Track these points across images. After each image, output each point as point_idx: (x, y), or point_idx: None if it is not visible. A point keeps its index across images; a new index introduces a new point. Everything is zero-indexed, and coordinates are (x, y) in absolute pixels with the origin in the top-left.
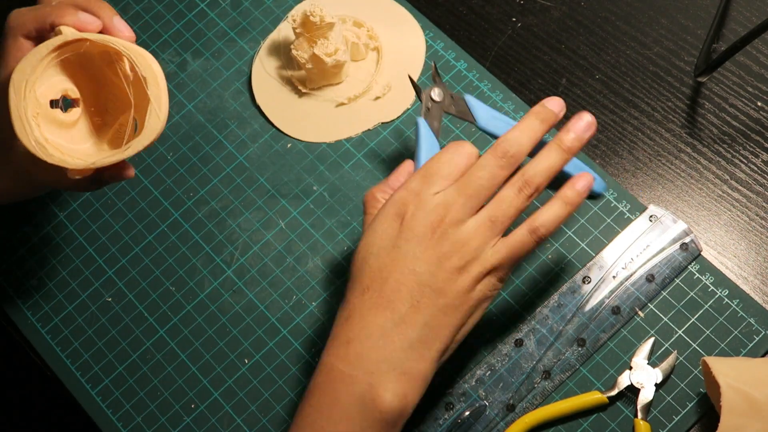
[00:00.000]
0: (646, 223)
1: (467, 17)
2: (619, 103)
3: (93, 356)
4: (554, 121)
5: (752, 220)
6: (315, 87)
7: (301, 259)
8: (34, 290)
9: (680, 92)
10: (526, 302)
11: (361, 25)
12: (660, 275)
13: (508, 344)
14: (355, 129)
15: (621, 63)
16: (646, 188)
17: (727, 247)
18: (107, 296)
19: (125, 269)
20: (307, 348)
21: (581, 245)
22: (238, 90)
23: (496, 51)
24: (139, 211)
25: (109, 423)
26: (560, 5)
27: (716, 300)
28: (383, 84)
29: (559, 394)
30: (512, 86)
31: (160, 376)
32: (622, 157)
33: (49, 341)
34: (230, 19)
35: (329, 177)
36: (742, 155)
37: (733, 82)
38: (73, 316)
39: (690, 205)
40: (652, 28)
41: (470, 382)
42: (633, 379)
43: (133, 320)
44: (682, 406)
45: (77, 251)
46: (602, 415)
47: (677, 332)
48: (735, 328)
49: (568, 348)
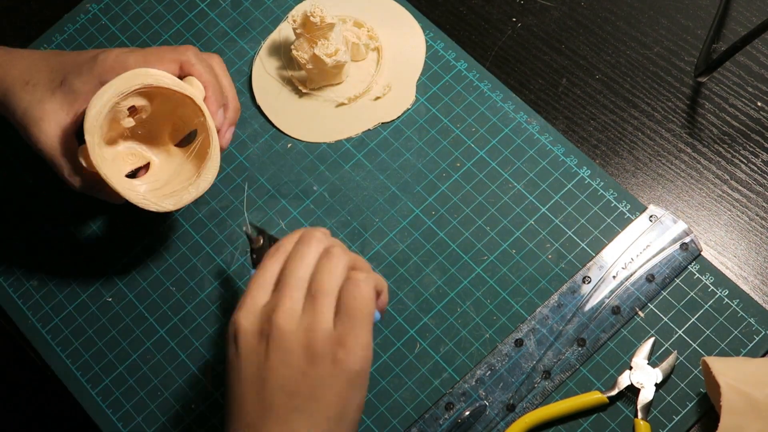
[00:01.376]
0: (646, 223)
1: (467, 17)
2: (619, 103)
3: (93, 356)
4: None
5: (752, 220)
6: (315, 87)
7: None
8: (34, 290)
9: (680, 92)
10: (526, 302)
11: (362, 26)
12: (660, 275)
13: (508, 344)
14: (355, 129)
15: (621, 63)
16: (646, 188)
17: (727, 247)
18: (107, 296)
19: (125, 269)
20: None
21: (581, 245)
22: (239, 90)
23: (496, 51)
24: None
25: (109, 423)
26: (560, 5)
27: (716, 300)
28: (383, 84)
29: (559, 394)
30: (512, 86)
31: (160, 376)
32: (622, 157)
33: (49, 341)
34: (230, 19)
35: (329, 177)
36: (742, 155)
37: (733, 82)
38: (73, 316)
39: (690, 205)
40: (652, 28)
41: (470, 382)
42: (633, 379)
43: (134, 320)
44: (682, 406)
45: (77, 251)
46: (602, 415)
47: (677, 332)
48: (735, 328)
49: (568, 348)
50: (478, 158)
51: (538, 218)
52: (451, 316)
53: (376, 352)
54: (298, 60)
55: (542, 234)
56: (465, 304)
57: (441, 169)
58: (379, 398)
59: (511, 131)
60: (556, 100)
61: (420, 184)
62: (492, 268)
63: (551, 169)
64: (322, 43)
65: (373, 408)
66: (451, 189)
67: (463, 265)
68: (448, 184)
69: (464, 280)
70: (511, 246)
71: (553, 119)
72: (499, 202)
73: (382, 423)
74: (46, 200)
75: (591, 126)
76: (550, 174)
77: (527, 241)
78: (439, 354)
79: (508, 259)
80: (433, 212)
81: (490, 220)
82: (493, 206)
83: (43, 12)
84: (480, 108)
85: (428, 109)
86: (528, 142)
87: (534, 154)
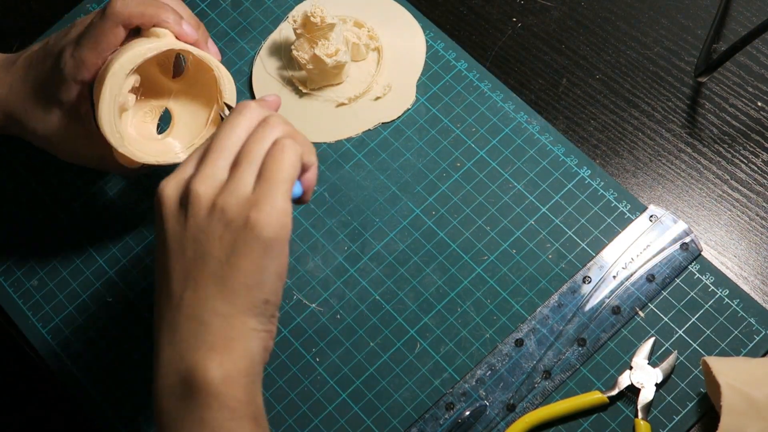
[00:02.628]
0: (646, 223)
1: (467, 17)
2: (619, 103)
3: (93, 356)
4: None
5: (752, 220)
6: (315, 87)
7: (301, 259)
8: (35, 290)
9: (680, 92)
10: (526, 302)
11: (362, 26)
12: (660, 275)
13: (508, 344)
14: (355, 129)
15: (621, 63)
16: (646, 188)
17: (727, 247)
18: (108, 296)
19: (126, 269)
20: (307, 348)
21: (581, 245)
22: (239, 90)
23: (496, 51)
24: (140, 211)
25: (110, 423)
26: (560, 5)
27: (716, 300)
28: (383, 84)
29: (560, 394)
30: (512, 86)
31: None
32: (622, 157)
33: (50, 341)
34: (230, 19)
35: (329, 177)
36: (743, 155)
37: (733, 82)
38: (73, 316)
39: (690, 205)
40: (653, 28)
41: (470, 382)
42: (633, 379)
43: (134, 320)
44: (682, 406)
45: (77, 251)
46: (602, 415)
47: (677, 332)
48: (735, 328)
49: (569, 348)
50: (478, 158)
51: (538, 218)
52: (452, 316)
53: (377, 352)
54: (298, 60)
55: (542, 234)
56: (465, 304)
57: (441, 169)
58: (379, 398)
59: (512, 131)
60: (556, 100)
61: (420, 184)
62: (492, 268)
63: (551, 169)
64: (323, 43)
65: (373, 408)
66: (452, 189)
67: (464, 265)
68: (448, 184)
69: (464, 280)
70: (512, 246)
71: (553, 119)
72: (499, 202)
73: (382, 423)
74: (47, 200)
75: (591, 126)
76: (550, 174)
77: (527, 241)
78: (439, 354)
79: (508, 259)
80: (433, 212)
81: (491, 220)
82: (494, 206)
83: (43, 12)
84: (480, 108)
85: (428, 109)
86: (528, 142)
87: (534, 154)
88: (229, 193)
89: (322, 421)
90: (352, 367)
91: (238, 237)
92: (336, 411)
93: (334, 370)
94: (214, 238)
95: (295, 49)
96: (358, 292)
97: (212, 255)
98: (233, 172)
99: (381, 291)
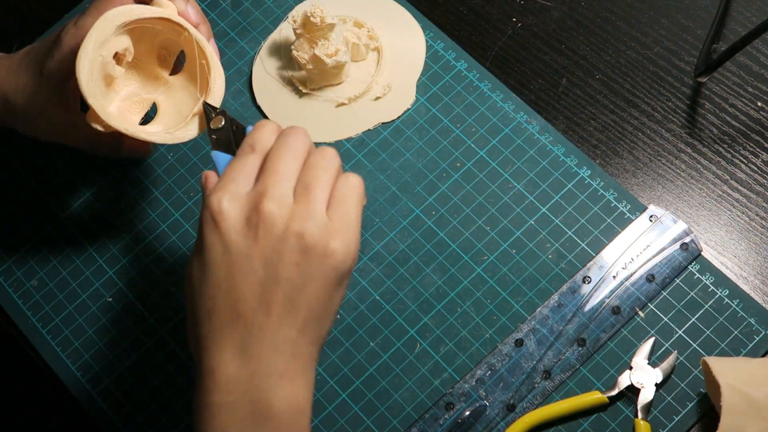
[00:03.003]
0: (646, 223)
1: (467, 17)
2: (619, 103)
3: (93, 356)
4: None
5: (752, 220)
6: (315, 87)
7: None
8: (34, 290)
9: (680, 92)
10: (526, 302)
11: (362, 26)
12: (660, 275)
13: (508, 344)
14: (355, 129)
15: (621, 63)
16: (646, 188)
17: (727, 247)
18: (108, 296)
19: (126, 269)
20: None
21: (581, 245)
22: (239, 90)
23: (496, 51)
24: (140, 211)
25: (110, 423)
26: (560, 5)
27: (716, 300)
28: (383, 84)
29: (560, 394)
30: (512, 86)
31: (160, 376)
32: (622, 157)
33: (50, 341)
34: (230, 19)
35: None
36: (742, 155)
37: (733, 82)
38: (73, 316)
39: (690, 205)
40: (652, 28)
41: (470, 382)
42: (633, 379)
43: (134, 320)
44: (682, 406)
45: (77, 251)
46: (602, 415)
47: (677, 332)
48: (735, 328)
49: (569, 348)
50: (478, 158)
51: (538, 218)
52: (451, 316)
53: (377, 352)
54: (298, 60)
55: (542, 234)
56: (465, 304)
57: (441, 169)
58: (379, 398)
59: (511, 131)
60: (556, 100)
61: (420, 184)
62: (492, 268)
63: (551, 169)
64: (323, 43)
65: (373, 408)
66: (451, 189)
67: (463, 265)
68: (448, 184)
69: (464, 280)
70: (511, 246)
71: (553, 119)
72: (499, 202)
73: (382, 423)
74: (47, 200)
75: (591, 126)
76: (550, 174)
77: (527, 241)
78: (439, 354)
79: (508, 259)
80: (433, 212)
81: (490, 220)
82: (493, 206)
83: (43, 12)
84: (480, 108)
85: (428, 109)
86: (528, 142)
87: (534, 154)
88: (308, 218)
89: (322, 421)
90: (352, 367)
91: (315, 264)
92: (336, 411)
93: (334, 370)
94: (291, 263)
95: (295, 49)
96: (358, 292)
97: (286, 279)
98: (305, 196)
99: (381, 291)
